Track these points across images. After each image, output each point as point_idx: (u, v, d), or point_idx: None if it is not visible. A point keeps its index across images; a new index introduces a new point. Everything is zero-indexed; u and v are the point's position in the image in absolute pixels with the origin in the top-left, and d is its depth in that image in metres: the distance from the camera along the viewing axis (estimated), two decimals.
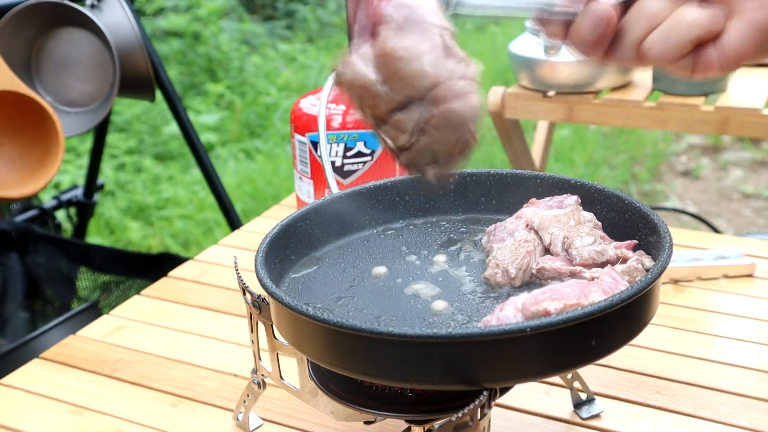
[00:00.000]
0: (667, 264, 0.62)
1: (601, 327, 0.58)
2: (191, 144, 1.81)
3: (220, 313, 1.03)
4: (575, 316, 0.56)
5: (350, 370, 0.60)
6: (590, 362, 0.60)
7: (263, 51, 4.60)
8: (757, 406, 0.82)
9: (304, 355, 0.64)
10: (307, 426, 0.82)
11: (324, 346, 0.60)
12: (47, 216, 1.91)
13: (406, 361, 0.57)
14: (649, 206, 0.70)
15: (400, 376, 0.58)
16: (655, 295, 0.63)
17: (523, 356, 0.57)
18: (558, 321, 0.55)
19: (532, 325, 0.55)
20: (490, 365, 0.57)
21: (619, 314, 0.58)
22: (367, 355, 0.58)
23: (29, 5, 1.46)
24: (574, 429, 0.80)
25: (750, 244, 1.14)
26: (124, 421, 0.84)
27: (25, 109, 1.33)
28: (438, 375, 0.57)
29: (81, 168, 3.23)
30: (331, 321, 0.58)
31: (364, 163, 1.11)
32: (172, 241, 2.98)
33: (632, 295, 0.58)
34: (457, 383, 0.59)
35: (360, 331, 0.57)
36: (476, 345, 0.56)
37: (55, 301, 1.73)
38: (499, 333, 0.55)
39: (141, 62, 1.54)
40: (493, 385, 0.59)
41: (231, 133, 3.80)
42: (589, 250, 0.67)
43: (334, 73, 0.58)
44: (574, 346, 0.58)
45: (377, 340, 0.56)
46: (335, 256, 0.76)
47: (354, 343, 0.58)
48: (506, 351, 0.56)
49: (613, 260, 0.67)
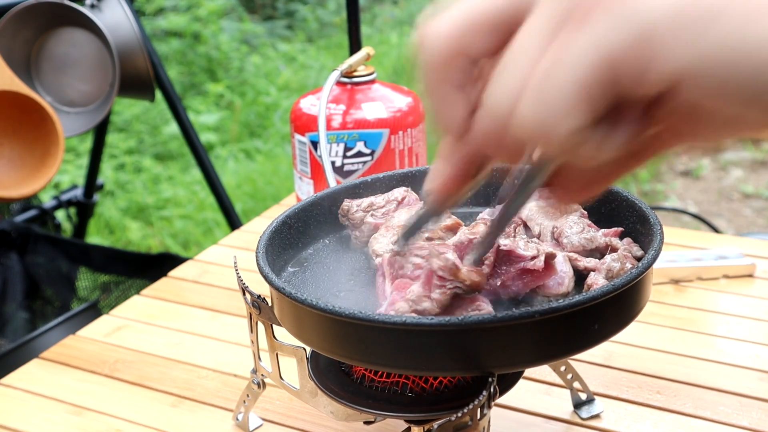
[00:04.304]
0: (661, 248, 0.63)
1: (603, 311, 0.59)
2: (191, 144, 1.81)
3: (220, 313, 1.03)
4: (581, 301, 0.56)
5: (360, 360, 0.61)
6: (592, 346, 0.61)
7: (263, 51, 4.60)
8: (757, 406, 0.82)
9: (311, 348, 0.64)
10: (306, 426, 0.82)
11: (333, 338, 0.61)
12: (47, 216, 1.91)
13: (416, 350, 0.57)
14: (649, 206, 0.70)
15: (412, 364, 0.59)
16: (649, 281, 0.64)
17: (530, 341, 0.58)
18: (564, 306, 0.56)
19: (540, 310, 0.55)
20: (500, 351, 0.58)
21: (619, 299, 0.60)
22: (379, 346, 0.59)
23: (29, 5, 1.46)
24: (574, 429, 0.80)
25: (750, 244, 1.14)
26: (124, 421, 0.84)
27: (25, 109, 1.33)
28: (449, 362, 0.58)
29: (81, 168, 3.23)
30: (343, 313, 0.58)
31: (364, 163, 1.11)
32: (172, 241, 2.98)
33: (631, 280, 0.59)
34: (468, 370, 0.60)
35: (372, 321, 0.57)
36: (489, 331, 0.56)
37: (55, 301, 1.72)
38: (510, 319, 0.56)
39: (141, 62, 1.54)
40: (502, 370, 0.60)
41: (231, 133, 3.80)
42: (579, 237, 0.68)
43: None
44: (579, 330, 0.59)
45: (389, 330, 0.57)
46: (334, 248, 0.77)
47: (365, 334, 0.59)
48: (516, 336, 0.57)
49: (603, 247, 0.68)
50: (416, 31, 0.39)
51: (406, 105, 1.13)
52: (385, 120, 1.11)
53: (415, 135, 1.14)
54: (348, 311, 0.58)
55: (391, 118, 1.11)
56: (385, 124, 1.11)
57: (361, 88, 1.13)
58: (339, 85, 1.14)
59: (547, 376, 0.87)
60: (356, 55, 1.13)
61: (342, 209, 0.77)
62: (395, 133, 1.11)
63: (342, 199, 0.79)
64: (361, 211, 0.76)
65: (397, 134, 1.11)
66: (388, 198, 0.78)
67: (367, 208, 0.77)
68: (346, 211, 0.77)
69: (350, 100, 1.12)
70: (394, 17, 5.45)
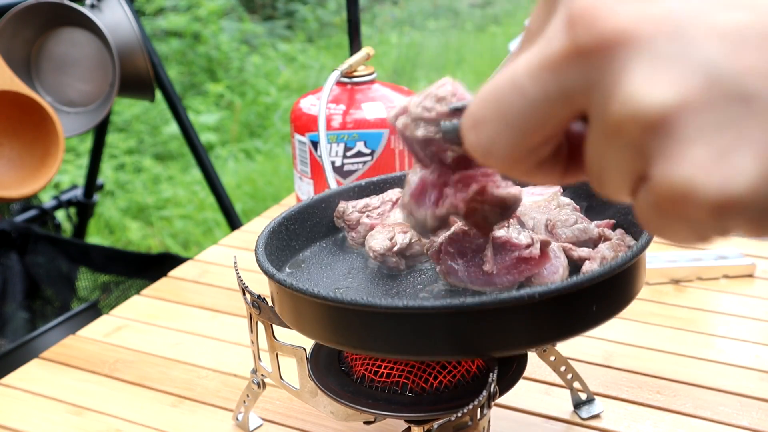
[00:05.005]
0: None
1: (602, 292, 0.60)
2: (191, 144, 1.81)
3: (220, 313, 1.03)
4: (581, 281, 0.57)
5: (362, 348, 0.61)
6: (591, 328, 0.61)
7: (263, 51, 4.60)
8: (757, 406, 0.82)
9: (312, 339, 0.65)
10: (306, 426, 0.82)
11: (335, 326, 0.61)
12: (47, 216, 1.91)
13: (417, 334, 0.58)
14: None
15: (413, 349, 0.59)
16: (644, 264, 0.65)
17: (532, 323, 0.58)
18: (565, 286, 0.56)
19: (540, 291, 0.56)
20: (501, 333, 0.58)
21: (617, 279, 0.60)
22: (380, 332, 0.59)
23: (29, 5, 1.46)
24: (574, 429, 0.80)
25: (750, 244, 1.14)
26: (124, 421, 0.84)
27: (25, 109, 1.33)
28: (451, 346, 0.58)
29: (81, 168, 3.23)
30: (344, 300, 0.58)
31: (364, 163, 1.11)
32: (172, 241, 2.98)
33: (627, 260, 0.60)
34: (470, 353, 0.60)
35: (373, 307, 0.57)
36: (490, 314, 0.57)
37: (55, 301, 1.72)
38: (510, 300, 0.56)
39: (141, 62, 1.54)
40: (503, 353, 0.61)
41: (231, 133, 3.80)
42: (572, 228, 0.68)
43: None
44: (578, 311, 0.59)
45: (389, 315, 0.57)
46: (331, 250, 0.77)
47: (366, 320, 0.59)
48: (518, 318, 0.58)
49: (596, 238, 0.68)
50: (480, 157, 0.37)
51: None
52: (385, 120, 1.11)
53: None
54: (349, 298, 0.58)
55: None
56: (385, 124, 1.11)
57: (361, 88, 1.13)
58: (339, 85, 1.14)
59: (547, 376, 0.87)
60: (356, 55, 1.13)
61: (338, 211, 0.78)
62: (395, 133, 1.11)
63: (337, 201, 0.79)
64: (356, 213, 0.77)
65: (397, 134, 1.11)
66: (383, 199, 0.78)
67: (362, 210, 0.77)
68: (341, 212, 0.77)
69: (350, 100, 1.12)
70: (394, 17, 5.45)
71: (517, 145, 0.34)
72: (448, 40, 4.97)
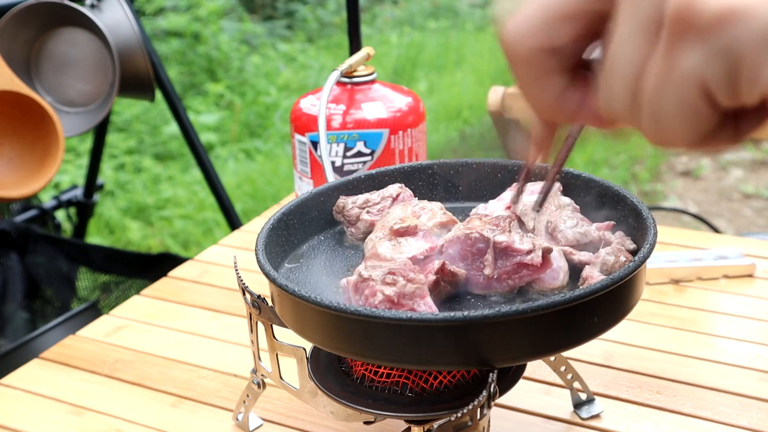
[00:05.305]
0: (655, 240, 0.64)
1: (603, 304, 0.60)
2: (191, 144, 1.81)
3: (220, 313, 1.03)
4: (583, 294, 0.57)
5: (364, 356, 0.61)
6: (592, 338, 0.61)
7: (263, 51, 4.60)
8: (757, 406, 0.82)
9: (313, 344, 0.64)
10: (306, 426, 0.82)
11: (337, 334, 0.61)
12: (47, 216, 1.91)
13: (419, 345, 0.58)
14: (649, 206, 0.71)
15: (415, 360, 0.59)
16: (644, 273, 0.65)
17: (534, 335, 0.58)
18: (568, 299, 0.57)
19: (544, 304, 0.56)
20: (504, 345, 0.58)
21: (618, 291, 0.60)
22: (383, 341, 0.59)
23: (29, 5, 1.46)
24: (574, 429, 0.80)
25: (750, 244, 1.14)
26: (124, 421, 0.84)
27: (25, 109, 1.33)
28: (453, 357, 0.58)
29: (81, 168, 3.23)
30: (348, 309, 0.58)
31: (364, 163, 1.11)
32: (172, 241, 2.98)
33: (631, 272, 0.60)
34: (471, 365, 0.60)
35: (378, 318, 0.57)
36: (493, 326, 0.57)
37: (55, 301, 1.72)
38: (514, 313, 0.56)
39: (141, 62, 1.54)
40: (505, 364, 0.61)
41: (231, 133, 3.80)
42: (573, 231, 0.68)
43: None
44: (580, 322, 0.60)
45: (393, 325, 0.57)
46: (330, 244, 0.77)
47: (370, 330, 0.59)
48: (520, 330, 0.58)
49: (596, 241, 0.68)
50: (498, 27, 0.42)
51: (406, 105, 1.13)
52: (385, 120, 1.11)
53: (415, 135, 1.14)
54: (353, 308, 0.58)
55: (390, 118, 1.11)
56: (385, 124, 1.11)
57: (361, 88, 1.13)
58: (339, 85, 1.14)
59: (547, 376, 0.87)
60: (356, 55, 1.13)
61: (337, 206, 0.77)
62: (395, 133, 1.11)
63: (336, 195, 0.79)
64: (356, 208, 0.77)
65: (397, 134, 1.11)
66: (383, 194, 0.78)
67: (362, 205, 0.77)
68: (341, 208, 0.77)
69: (350, 100, 1.12)
70: (394, 17, 5.45)
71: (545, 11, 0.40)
72: (448, 40, 4.97)
